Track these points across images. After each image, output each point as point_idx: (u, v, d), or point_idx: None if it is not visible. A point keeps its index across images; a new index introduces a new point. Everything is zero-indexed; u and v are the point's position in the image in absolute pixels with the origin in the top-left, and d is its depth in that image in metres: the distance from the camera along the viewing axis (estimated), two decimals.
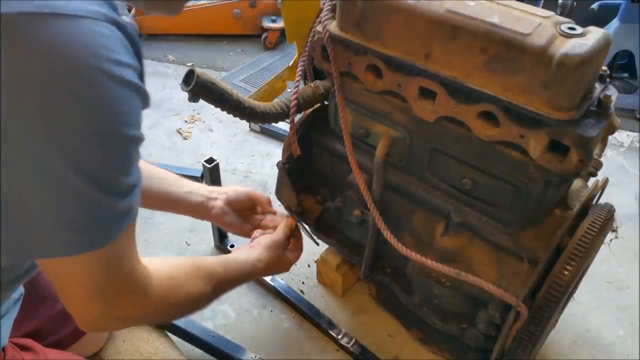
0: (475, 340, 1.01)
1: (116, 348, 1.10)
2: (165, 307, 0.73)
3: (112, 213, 0.56)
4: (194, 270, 0.81)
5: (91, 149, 0.50)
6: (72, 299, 0.65)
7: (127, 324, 0.77)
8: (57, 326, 0.96)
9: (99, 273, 0.60)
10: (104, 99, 0.49)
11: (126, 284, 0.65)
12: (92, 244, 0.56)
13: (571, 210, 0.88)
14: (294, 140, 1.06)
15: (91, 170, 0.51)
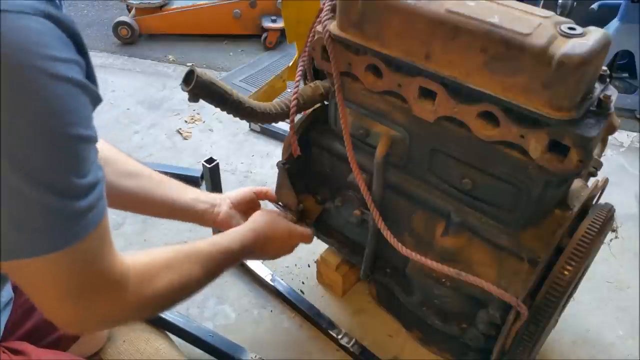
0: (475, 340, 1.00)
1: (116, 348, 1.10)
2: (148, 301, 0.70)
3: (70, 215, 0.54)
4: (175, 254, 0.76)
5: (34, 151, 0.48)
6: (43, 303, 0.63)
7: (108, 323, 0.74)
8: (54, 326, 0.96)
9: (68, 274, 0.58)
10: (41, 98, 0.47)
11: (99, 283, 0.62)
12: (51, 246, 0.54)
13: (571, 210, 0.88)
14: (294, 140, 1.06)
15: (36, 172, 0.49)
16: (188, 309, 1.32)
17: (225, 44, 2.78)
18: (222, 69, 2.54)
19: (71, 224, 0.55)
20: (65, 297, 0.60)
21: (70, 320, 0.64)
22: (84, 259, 0.59)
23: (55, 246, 0.54)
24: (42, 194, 0.50)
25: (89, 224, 0.57)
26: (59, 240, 0.54)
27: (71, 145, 0.51)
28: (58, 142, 0.50)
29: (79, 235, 0.56)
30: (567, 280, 0.80)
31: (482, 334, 0.98)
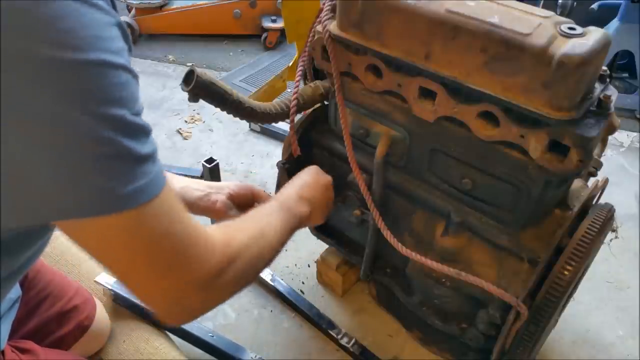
0: (475, 340, 1.00)
1: (116, 348, 1.10)
2: (237, 255, 0.65)
3: (139, 159, 0.50)
4: (244, 219, 0.75)
5: (77, 77, 0.44)
6: (131, 280, 0.58)
7: (205, 297, 0.63)
8: (57, 325, 0.97)
9: (147, 238, 0.53)
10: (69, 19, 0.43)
11: (183, 247, 0.57)
12: (130, 199, 0.50)
13: (571, 210, 0.88)
14: (294, 140, 1.06)
15: (91, 103, 0.45)
16: None
17: (225, 44, 2.78)
18: (222, 69, 2.54)
19: (145, 172, 0.50)
20: (151, 268, 0.56)
21: (163, 299, 0.59)
22: (167, 218, 0.54)
23: (138, 198, 0.50)
24: (99, 127, 0.46)
25: (161, 177, 0.53)
26: (136, 192, 0.50)
27: (106, 72, 0.47)
28: (91, 69, 0.46)
29: (157, 186, 0.52)
30: (567, 280, 0.80)
31: (482, 334, 0.98)
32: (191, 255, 0.58)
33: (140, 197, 0.50)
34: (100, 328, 1.06)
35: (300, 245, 1.48)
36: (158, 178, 0.52)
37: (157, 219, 0.53)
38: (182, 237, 0.57)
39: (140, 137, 0.50)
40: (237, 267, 0.65)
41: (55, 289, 0.99)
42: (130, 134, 0.48)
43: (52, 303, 0.97)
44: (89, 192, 0.47)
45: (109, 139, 0.46)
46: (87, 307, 1.03)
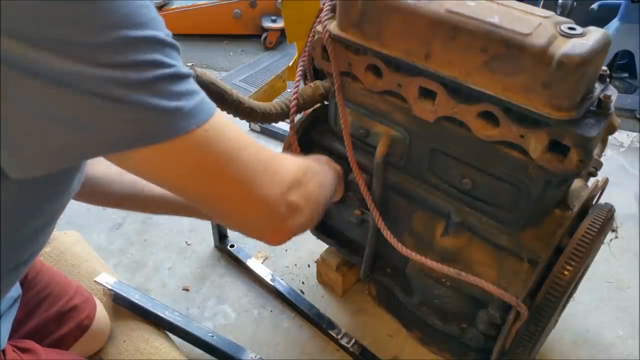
0: (475, 340, 1.00)
1: (116, 348, 1.10)
2: (308, 168, 0.68)
3: (186, 78, 0.49)
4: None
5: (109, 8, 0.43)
6: (225, 203, 0.58)
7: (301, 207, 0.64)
8: (57, 325, 0.97)
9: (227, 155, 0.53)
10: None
11: (263, 160, 0.58)
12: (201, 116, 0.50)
13: (571, 210, 0.88)
14: (294, 140, 1.06)
15: (131, 29, 0.44)
16: (188, 309, 1.32)
17: (225, 44, 2.78)
18: (222, 69, 2.54)
19: (197, 88, 0.50)
20: (240, 186, 0.56)
21: (262, 216, 0.60)
22: (236, 135, 0.55)
23: (205, 111, 0.50)
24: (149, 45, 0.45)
25: (208, 102, 0.52)
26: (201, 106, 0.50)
27: (150, 5, 0.47)
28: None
29: (211, 106, 0.52)
30: (567, 280, 0.80)
31: (482, 334, 0.98)
32: (273, 160, 0.60)
33: (207, 110, 0.51)
34: (100, 328, 1.06)
35: (300, 245, 1.48)
36: (206, 97, 0.52)
37: (229, 131, 0.53)
38: (256, 145, 0.58)
39: (178, 57, 0.50)
40: (313, 173, 0.69)
41: (55, 289, 0.99)
42: (171, 54, 0.48)
43: (52, 303, 0.97)
44: (158, 116, 0.46)
45: (157, 60, 0.46)
46: (87, 306, 1.03)
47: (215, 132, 0.52)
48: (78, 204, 0.89)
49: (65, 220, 1.51)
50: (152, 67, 0.45)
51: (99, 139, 0.46)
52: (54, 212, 0.67)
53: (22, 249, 0.66)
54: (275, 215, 0.61)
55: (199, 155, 0.51)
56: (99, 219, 1.55)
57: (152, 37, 0.46)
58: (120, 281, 1.22)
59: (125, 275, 1.38)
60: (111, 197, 0.91)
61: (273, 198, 0.60)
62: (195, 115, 0.49)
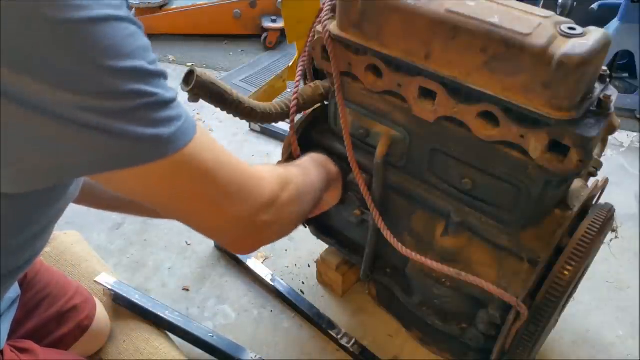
0: (475, 340, 1.00)
1: (116, 348, 1.10)
2: (289, 180, 0.71)
3: (166, 105, 0.51)
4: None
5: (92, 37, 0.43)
6: (198, 217, 0.61)
7: (273, 217, 0.67)
8: (56, 325, 0.97)
9: (204, 175, 0.56)
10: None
11: (240, 175, 0.61)
12: (181, 138, 0.52)
13: (571, 210, 0.88)
14: (294, 140, 1.06)
15: (108, 60, 0.45)
16: (188, 309, 1.32)
17: (225, 44, 2.78)
18: (222, 69, 2.54)
19: (179, 114, 0.52)
20: (216, 200, 0.59)
21: (234, 223, 0.63)
22: (214, 152, 0.57)
23: (184, 136, 0.52)
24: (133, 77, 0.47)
25: (191, 118, 0.54)
26: (180, 132, 0.52)
27: (135, 32, 0.49)
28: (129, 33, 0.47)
29: (194, 125, 0.54)
30: (567, 280, 0.80)
31: (482, 334, 0.98)
32: (248, 180, 0.62)
33: (185, 135, 0.53)
34: (100, 328, 1.06)
35: (300, 245, 1.48)
36: (190, 118, 0.54)
37: (207, 153, 0.56)
38: (234, 165, 0.60)
39: (163, 83, 0.51)
40: (290, 190, 0.71)
41: (55, 289, 0.99)
42: (154, 82, 0.49)
43: (52, 303, 0.97)
44: (136, 142, 0.48)
45: (138, 90, 0.47)
46: (87, 306, 1.03)
47: (192, 156, 0.54)
48: None
49: (65, 220, 1.51)
50: (133, 97, 0.47)
51: (75, 161, 0.48)
52: (51, 218, 0.68)
53: (20, 254, 0.66)
54: (243, 232, 0.65)
55: (174, 178, 0.54)
56: (99, 219, 1.55)
57: (135, 67, 0.47)
58: (120, 281, 1.22)
59: (125, 275, 1.38)
60: (108, 200, 0.92)
61: (243, 218, 0.63)
62: (174, 141, 0.51)
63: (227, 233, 0.66)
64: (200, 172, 0.56)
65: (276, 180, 0.69)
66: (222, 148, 0.60)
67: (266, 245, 0.73)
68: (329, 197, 0.99)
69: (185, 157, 0.53)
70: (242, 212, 0.63)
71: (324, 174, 0.93)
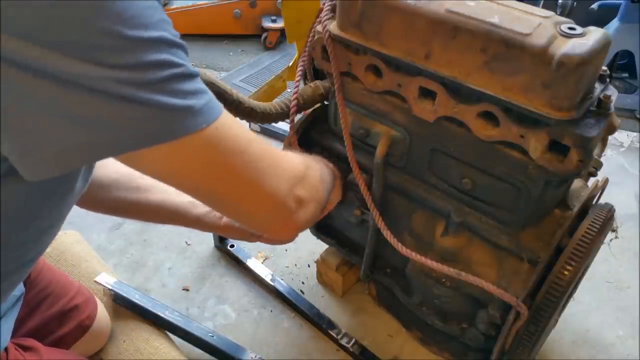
0: (475, 340, 1.00)
1: (116, 348, 1.10)
2: (312, 165, 0.70)
3: (195, 77, 0.49)
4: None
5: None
6: (232, 197, 0.59)
7: (308, 199, 0.66)
8: (58, 325, 0.97)
9: (237, 152, 0.55)
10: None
11: (270, 156, 0.60)
12: (209, 115, 0.50)
13: (571, 210, 0.88)
14: (294, 140, 1.06)
15: (139, 29, 0.45)
16: (188, 309, 1.32)
17: (225, 44, 2.78)
18: (222, 69, 2.54)
19: (205, 88, 0.51)
20: (251, 182, 0.57)
21: (277, 206, 0.61)
22: (243, 133, 0.56)
23: (215, 109, 0.51)
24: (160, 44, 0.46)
25: (216, 101, 0.53)
26: (210, 105, 0.50)
27: (157, 5, 0.48)
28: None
29: (218, 105, 0.52)
30: (567, 280, 0.80)
31: (482, 334, 0.98)
32: (277, 155, 0.61)
33: (214, 109, 0.51)
34: (100, 328, 1.06)
35: (300, 245, 1.48)
36: (212, 97, 0.53)
37: (236, 129, 0.55)
38: (261, 142, 0.59)
39: (185, 57, 0.50)
40: (314, 170, 0.70)
41: (57, 288, 0.99)
42: (179, 53, 0.49)
43: (54, 302, 0.97)
44: (171, 114, 0.47)
45: (166, 60, 0.46)
46: (88, 307, 1.03)
47: (224, 130, 0.52)
48: None
49: (66, 220, 1.51)
50: (161, 67, 0.46)
51: (111, 138, 0.46)
52: (60, 213, 0.68)
53: (27, 249, 0.66)
54: (284, 210, 0.63)
55: (209, 152, 0.52)
56: (99, 219, 1.55)
57: (160, 37, 0.46)
58: (120, 281, 1.22)
59: (125, 275, 1.38)
60: (109, 204, 0.92)
61: (281, 192, 0.61)
62: (205, 114, 0.50)
63: (268, 214, 0.63)
64: (234, 146, 0.54)
65: (299, 160, 0.69)
66: (245, 126, 0.58)
67: (305, 228, 0.69)
68: (332, 195, 0.99)
69: (219, 131, 0.51)
70: (280, 187, 0.61)
71: (330, 169, 0.93)
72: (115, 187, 0.91)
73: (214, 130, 0.51)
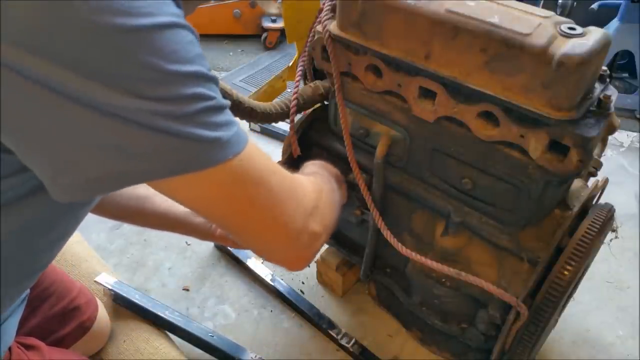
0: (475, 340, 1.01)
1: (116, 348, 1.10)
2: (324, 190, 0.71)
3: (224, 110, 0.51)
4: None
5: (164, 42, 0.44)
6: (252, 232, 0.60)
7: (318, 225, 0.66)
8: (59, 325, 0.97)
9: (259, 182, 0.56)
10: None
11: (289, 183, 0.61)
12: (236, 146, 0.51)
13: (571, 210, 0.88)
14: (294, 140, 1.06)
15: (176, 64, 0.46)
16: (188, 309, 1.32)
17: (225, 44, 2.78)
18: (222, 69, 2.54)
19: (233, 119, 0.52)
20: (267, 211, 0.58)
21: (286, 240, 0.62)
22: (264, 158, 0.57)
23: (240, 142, 0.52)
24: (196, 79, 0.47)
25: (242, 128, 0.54)
26: (237, 137, 0.52)
27: (194, 40, 0.49)
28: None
29: (244, 136, 0.54)
30: (567, 280, 0.80)
31: (482, 334, 0.98)
32: (296, 187, 0.62)
33: (241, 140, 0.53)
34: (100, 328, 1.06)
35: None
36: (240, 125, 0.54)
37: (260, 159, 0.56)
38: (282, 172, 0.60)
39: (217, 89, 0.51)
40: (325, 196, 0.71)
41: (59, 288, 0.99)
42: (212, 86, 0.50)
43: (55, 302, 0.97)
44: (201, 145, 0.48)
45: (201, 93, 0.48)
46: (89, 307, 1.03)
47: (249, 161, 0.54)
48: None
49: None
50: (196, 100, 0.47)
51: (143, 167, 0.47)
52: (76, 223, 0.69)
53: (41, 256, 0.67)
54: (298, 244, 0.64)
55: (233, 183, 0.54)
56: (99, 219, 1.52)
57: (196, 72, 0.48)
58: (120, 281, 1.22)
59: (125, 275, 1.38)
60: (112, 210, 0.92)
61: (297, 227, 0.62)
62: (232, 146, 0.51)
63: (282, 247, 0.64)
64: (257, 178, 0.56)
65: (313, 187, 0.69)
66: (268, 156, 0.60)
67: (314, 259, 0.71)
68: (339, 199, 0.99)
69: (243, 162, 0.53)
70: (296, 222, 0.62)
71: (335, 179, 0.93)
72: (119, 194, 0.92)
73: (239, 162, 0.52)
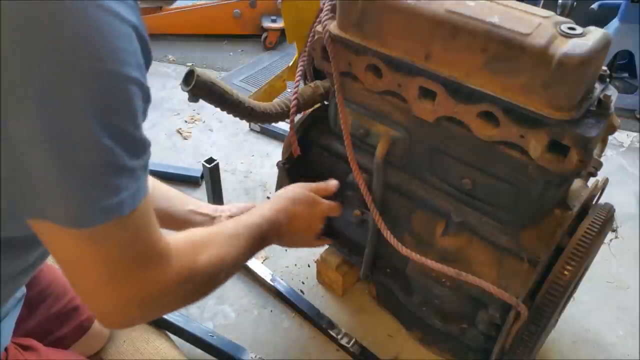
0: (475, 340, 1.00)
1: (116, 348, 1.10)
2: (191, 276, 0.66)
3: (125, 173, 0.51)
4: (210, 232, 0.76)
5: (90, 87, 0.45)
6: (80, 284, 0.59)
7: (149, 310, 0.65)
8: (57, 325, 0.97)
9: (113, 250, 0.55)
10: (96, 30, 0.44)
11: (144, 259, 0.59)
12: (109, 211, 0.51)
13: (571, 210, 0.88)
14: (294, 140, 1.06)
15: (96, 112, 0.46)
16: (188, 309, 1.32)
17: (225, 44, 2.78)
18: (222, 69, 2.54)
19: (129, 185, 0.52)
20: (107, 278, 0.57)
21: (108, 306, 0.60)
22: (135, 231, 0.56)
23: (115, 212, 0.52)
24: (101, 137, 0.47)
25: (143, 188, 0.54)
26: (115, 205, 0.51)
27: (124, 86, 0.49)
28: (112, 81, 0.48)
29: (137, 200, 0.53)
30: (567, 280, 0.80)
31: (482, 334, 0.98)
32: (148, 269, 0.60)
33: (117, 211, 0.52)
34: (100, 328, 1.06)
35: None
36: (140, 191, 0.54)
37: (126, 232, 0.55)
38: (143, 250, 0.58)
39: (136, 151, 0.52)
40: (189, 287, 0.67)
41: (57, 288, 0.99)
42: (128, 147, 0.50)
43: (54, 303, 0.97)
44: (75, 199, 0.49)
45: (109, 147, 0.48)
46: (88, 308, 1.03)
47: (121, 228, 0.54)
48: None
49: None
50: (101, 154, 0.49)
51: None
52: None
53: (37, 250, 0.67)
54: (108, 318, 0.64)
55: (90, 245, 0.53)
56: None
57: (123, 128, 0.50)
58: None
59: None
60: None
61: (113, 306, 0.60)
62: (113, 211, 0.52)
63: (97, 310, 0.62)
64: (107, 250, 0.55)
65: (183, 272, 0.65)
66: (146, 226, 0.58)
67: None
68: (331, 211, 1.00)
69: (101, 233, 0.52)
70: (128, 297, 0.60)
71: (259, 245, 0.87)
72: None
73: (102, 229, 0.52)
